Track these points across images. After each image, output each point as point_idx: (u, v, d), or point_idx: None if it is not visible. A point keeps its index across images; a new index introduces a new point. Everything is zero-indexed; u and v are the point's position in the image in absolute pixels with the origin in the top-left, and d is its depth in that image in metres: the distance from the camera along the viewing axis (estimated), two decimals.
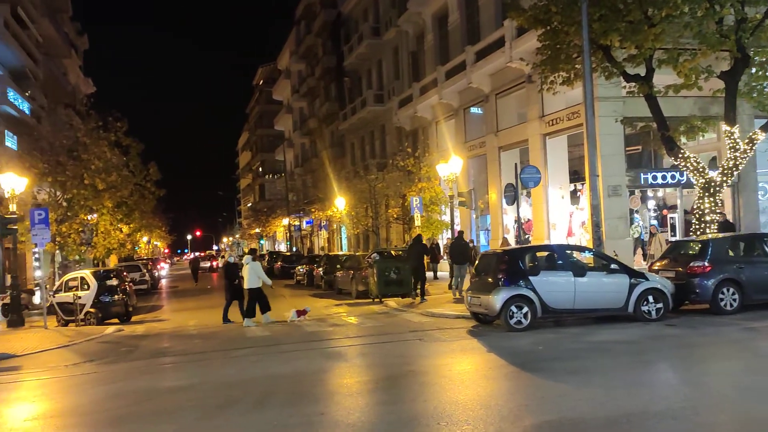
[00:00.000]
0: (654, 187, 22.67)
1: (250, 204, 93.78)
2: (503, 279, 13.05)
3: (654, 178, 21.97)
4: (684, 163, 16.95)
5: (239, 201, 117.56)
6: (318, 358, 11.70)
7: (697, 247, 14.62)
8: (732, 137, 16.61)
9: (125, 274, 24.34)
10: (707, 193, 16.61)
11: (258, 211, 75.40)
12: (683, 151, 17.00)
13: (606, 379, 8.58)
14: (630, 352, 10.55)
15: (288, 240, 63.19)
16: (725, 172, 16.66)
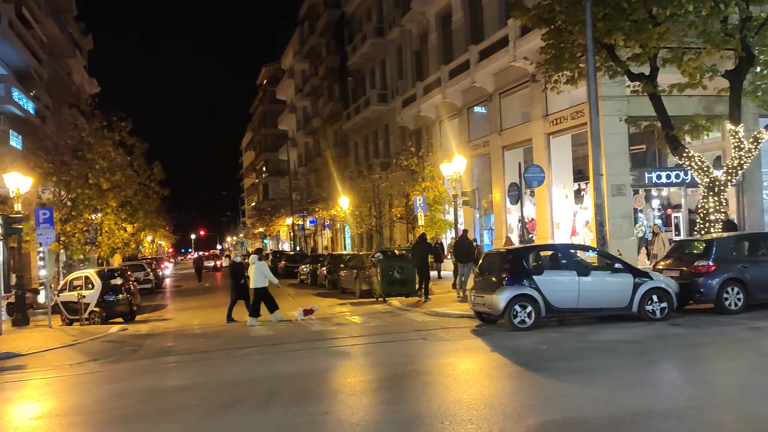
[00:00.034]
0: (658, 187, 22.61)
1: (253, 203, 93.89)
2: (507, 278, 13.05)
3: (658, 177, 21.91)
4: (688, 163, 16.92)
5: (243, 200, 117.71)
6: (322, 357, 11.72)
7: (702, 247, 14.59)
8: (736, 136, 16.57)
9: (129, 273, 24.35)
10: (712, 193, 16.57)
11: (262, 211, 75.45)
12: (687, 150, 16.97)
13: (610, 379, 8.57)
14: (634, 351, 10.53)
15: (292, 239, 63.23)
16: (730, 171, 16.62)
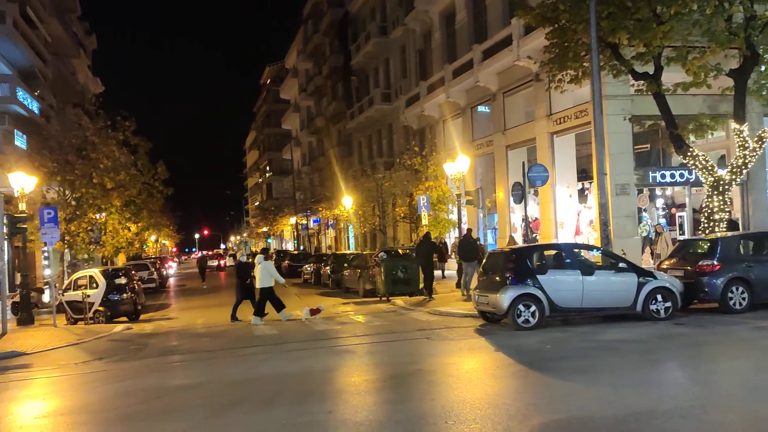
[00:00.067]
0: (662, 186, 22.56)
1: (257, 203, 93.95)
2: (511, 278, 13.04)
3: (662, 176, 21.86)
4: (693, 162, 16.87)
5: (246, 200, 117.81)
6: (326, 356, 11.73)
7: (706, 246, 14.57)
8: (741, 135, 16.52)
9: (134, 272, 24.43)
10: (716, 192, 16.53)
11: (265, 210, 75.53)
12: (692, 150, 16.93)
13: (614, 378, 8.56)
14: (638, 350, 10.52)
15: (295, 239, 63.28)
16: (734, 170, 16.58)
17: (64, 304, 20.30)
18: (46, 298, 23.91)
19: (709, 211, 16.62)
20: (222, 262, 68.63)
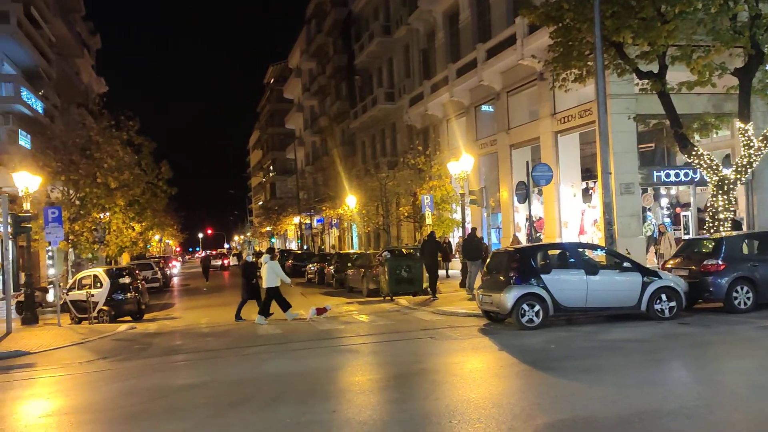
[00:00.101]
0: (667, 185, 22.50)
1: (261, 202, 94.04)
2: (515, 277, 13.02)
3: (667, 175, 21.81)
4: (697, 161, 16.83)
5: (250, 199, 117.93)
6: (330, 355, 11.72)
7: (711, 245, 14.51)
8: (746, 134, 16.48)
9: (137, 272, 24.46)
10: (721, 191, 16.49)
11: (269, 210, 75.57)
12: (696, 149, 16.88)
13: (618, 378, 8.54)
14: (643, 350, 10.50)
15: (299, 238, 63.32)
16: (739, 169, 16.53)
17: (68, 303, 20.34)
18: (50, 297, 23.97)
19: (714, 211, 16.58)
20: (226, 261, 68.64)
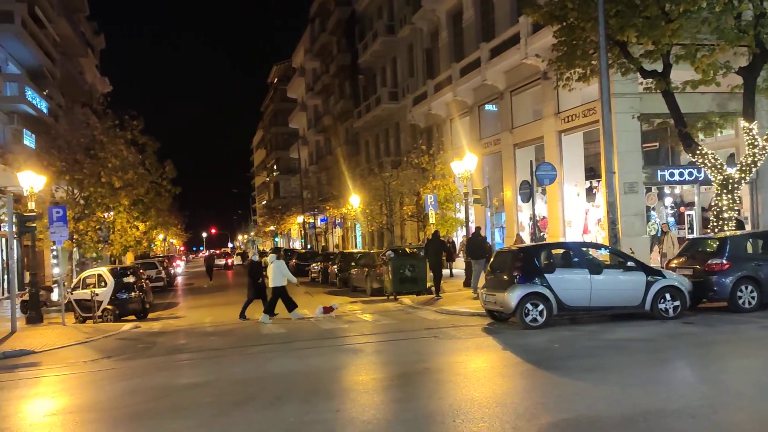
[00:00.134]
0: (671, 184, 22.45)
1: (264, 202, 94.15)
2: (519, 276, 13.01)
3: (671, 174, 21.75)
4: (701, 160, 16.79)
5: (254, 199, 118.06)
6: (333, 354, 11.74)
7: (715, 245, 14.50)
8: (750, 134, 16.43)
9: (142, 271, 24.48)
10: (725, 190, 16.45)
11: (273, 209, 75.65)
12: (701, 148, 16.84)
13: (622, 377, 8.53)
14: (647, 349, 10.49)
15: (303, 237, 63.35)
16: (743, 169, 16.49)
17: (72, 302, 20.39)
18: (54, 296, 24.02)
19: (718, 210, 16.54)
20: (230, 260, 68.67)
